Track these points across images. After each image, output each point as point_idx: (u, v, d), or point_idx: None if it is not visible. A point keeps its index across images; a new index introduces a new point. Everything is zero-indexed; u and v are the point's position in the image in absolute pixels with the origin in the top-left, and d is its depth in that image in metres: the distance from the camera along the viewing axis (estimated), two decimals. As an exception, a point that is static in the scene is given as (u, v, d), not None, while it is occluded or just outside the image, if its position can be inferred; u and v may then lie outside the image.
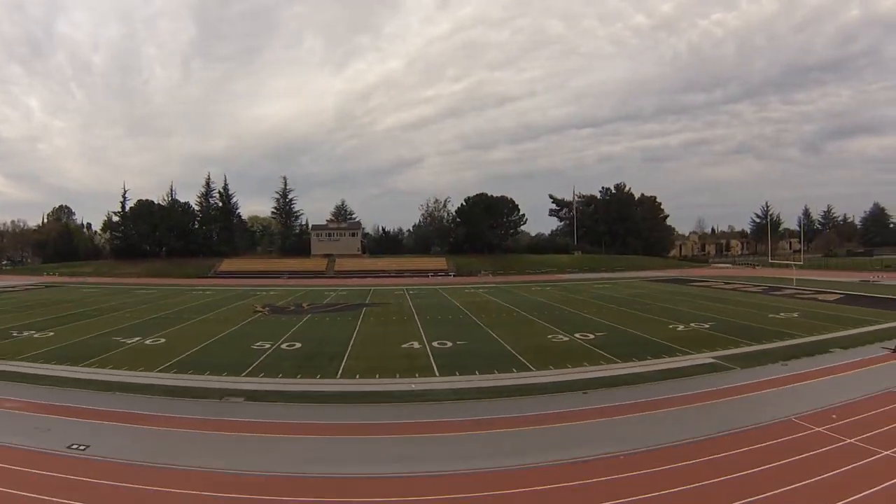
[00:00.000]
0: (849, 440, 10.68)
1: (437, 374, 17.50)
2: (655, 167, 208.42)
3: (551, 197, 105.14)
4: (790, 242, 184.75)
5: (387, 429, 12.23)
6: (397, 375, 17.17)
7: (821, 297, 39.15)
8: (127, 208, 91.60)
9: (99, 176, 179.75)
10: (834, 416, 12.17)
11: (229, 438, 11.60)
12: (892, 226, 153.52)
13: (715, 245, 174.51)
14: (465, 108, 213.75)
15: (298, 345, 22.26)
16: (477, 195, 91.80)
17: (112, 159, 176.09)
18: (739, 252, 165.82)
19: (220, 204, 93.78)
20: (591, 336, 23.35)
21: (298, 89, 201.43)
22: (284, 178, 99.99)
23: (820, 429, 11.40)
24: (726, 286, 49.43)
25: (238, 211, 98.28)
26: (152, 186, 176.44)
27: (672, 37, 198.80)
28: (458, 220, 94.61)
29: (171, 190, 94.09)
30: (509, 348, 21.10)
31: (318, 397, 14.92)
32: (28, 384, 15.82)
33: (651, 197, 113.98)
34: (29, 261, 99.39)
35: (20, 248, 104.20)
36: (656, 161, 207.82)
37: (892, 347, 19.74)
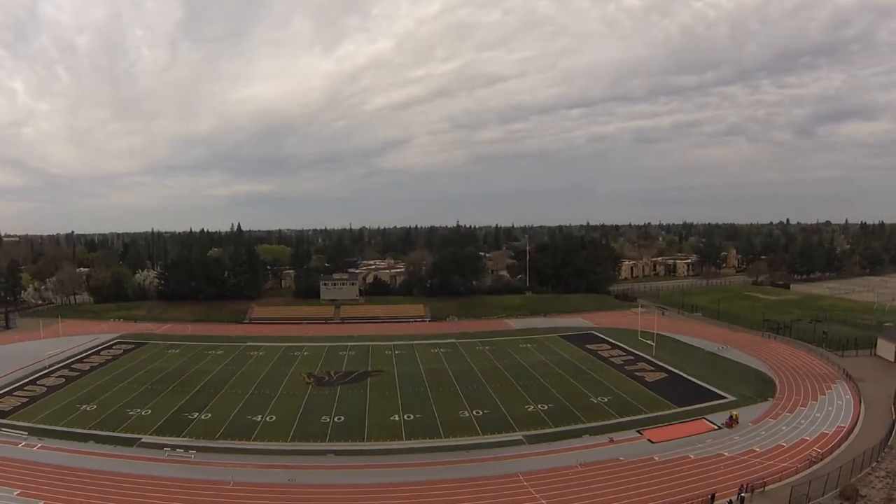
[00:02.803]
0: (534, 493, 34.28)
1: (405, 438, 43.10)
2: (646, 148, 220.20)
3: (509, 247, 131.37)
4: (738, 260, 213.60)
5: (387, 462, 37.92)
6: (387, 440, 42.74)
7: (649, 376, 56.75)
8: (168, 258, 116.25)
9: (85, 159, 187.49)
10: (538, 477, 37.38)
11: (343, 472, 37.07)
12: (824, 252, 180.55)
13: (665, 267, 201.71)
14: (455, 88, 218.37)
15: (343, 418, 47.75)
16: (448, 252, 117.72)
17: (99, 142, 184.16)
18: (686, 273, 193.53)
19: (247, 257, 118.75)
20: (480, 413, 48.90)
21: (286, 71, 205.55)
22: (301, 232, 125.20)
23: (525, 483, 35.67)
24: (601, 355, 68.90)
25: (258, 254, 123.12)
26: (141, 168, 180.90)
27: (665, 18, 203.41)
28: (433, 269, 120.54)
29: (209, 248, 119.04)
30: (438, 422, 46.72)
31: (362, 451, 40.77)
32: (236, 454, 40.94)
33: (597, 240, 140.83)
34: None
35: (73, 288, 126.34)
36: (647, 142, 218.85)
37: (610, 438, 42.96)
